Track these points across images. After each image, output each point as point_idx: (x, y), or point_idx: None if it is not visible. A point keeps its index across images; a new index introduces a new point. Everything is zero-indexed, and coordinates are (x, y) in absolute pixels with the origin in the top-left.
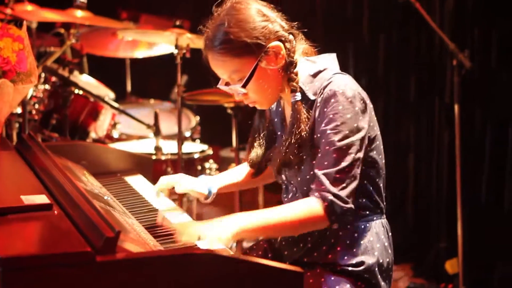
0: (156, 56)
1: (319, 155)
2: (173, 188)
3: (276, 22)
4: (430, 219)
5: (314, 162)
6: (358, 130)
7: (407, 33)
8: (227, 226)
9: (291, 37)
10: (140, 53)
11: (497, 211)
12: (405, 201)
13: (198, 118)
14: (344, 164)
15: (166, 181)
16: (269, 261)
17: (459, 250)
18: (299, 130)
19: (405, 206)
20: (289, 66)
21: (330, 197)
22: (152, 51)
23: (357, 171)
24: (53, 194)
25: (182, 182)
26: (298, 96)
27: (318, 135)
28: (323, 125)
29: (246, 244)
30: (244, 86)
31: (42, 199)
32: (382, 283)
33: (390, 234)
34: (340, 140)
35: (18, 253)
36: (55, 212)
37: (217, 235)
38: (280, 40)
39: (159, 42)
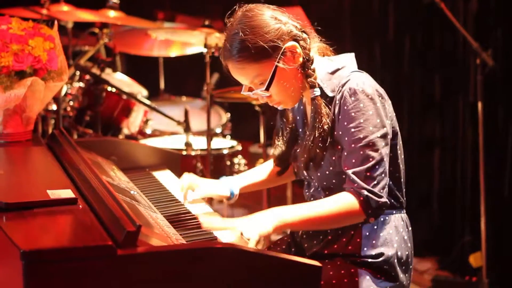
0: (189, 55)
1: (345, 153)
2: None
3: (289, 23)
4: (455, 213)
5: (334, 158)
6: (381, 126)
7: (431, 33)
8: (268, 219)
9: (304, 35)
10: (174, 52)
11: None
12: (430, 196)
13: (228, 115)
14: (373, 161)
15: (187, 182)
16: (288, 255)
17: (482, 244)
18: (321, 124)
19: (430, 201)
20: (306, 63)
21: (365, 192)
22: (185, 50)
23: (386, 167)
24: (79, 188)
25: (202, 186)
26: (317, 91)
27: (340, 132)
28: (345, 123)
29: (274, 237)
30: (267, 89)
31: (67, 193)
32: (401, 275)
33: (410, 228)
34: (365, 137)
35: (40, 247)
36: (80, 206)
37: (259, 228)
38: (295, 40)
39: (189, 42)
